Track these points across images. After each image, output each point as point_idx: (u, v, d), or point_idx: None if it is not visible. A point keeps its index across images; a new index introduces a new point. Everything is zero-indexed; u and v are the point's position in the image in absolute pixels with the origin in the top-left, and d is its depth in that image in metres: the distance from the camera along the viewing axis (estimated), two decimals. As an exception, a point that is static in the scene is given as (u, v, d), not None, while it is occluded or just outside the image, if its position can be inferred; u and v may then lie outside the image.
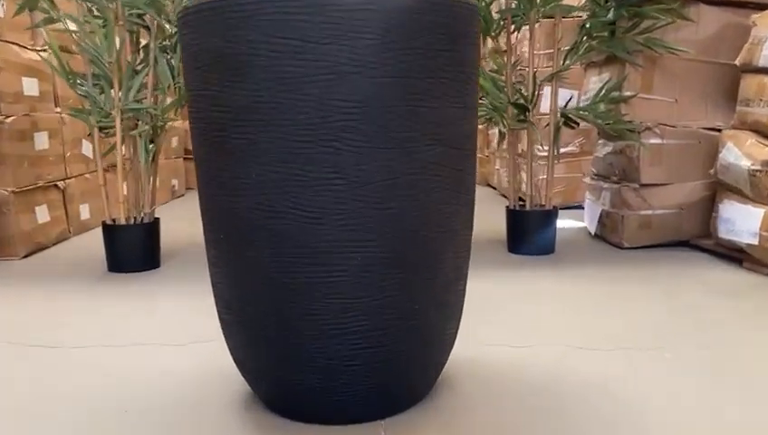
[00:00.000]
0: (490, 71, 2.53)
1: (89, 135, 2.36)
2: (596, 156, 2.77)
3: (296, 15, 0.91)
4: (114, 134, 2.21)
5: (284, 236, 0.97)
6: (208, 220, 1.07)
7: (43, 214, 2.72)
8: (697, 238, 2.45)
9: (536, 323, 1.61)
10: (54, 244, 2.81)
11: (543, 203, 2.46)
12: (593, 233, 2.70)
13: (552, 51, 2.49)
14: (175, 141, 4.54)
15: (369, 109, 0.93)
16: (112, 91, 2.18)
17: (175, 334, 1.57)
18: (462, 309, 1.18)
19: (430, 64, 0.97)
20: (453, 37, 1.00)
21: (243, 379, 1.20)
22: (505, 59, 2.46)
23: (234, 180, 0.98)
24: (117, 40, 2.14)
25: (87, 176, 3.14)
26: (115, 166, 2.24)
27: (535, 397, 1.20)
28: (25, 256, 2.54)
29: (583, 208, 3.47)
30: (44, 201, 2.74)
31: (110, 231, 2.25)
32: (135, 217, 2.31)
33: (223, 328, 1.14)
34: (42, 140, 2.74)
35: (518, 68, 2.88)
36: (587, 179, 2.87)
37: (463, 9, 1.01)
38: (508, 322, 1.63)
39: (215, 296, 1.13)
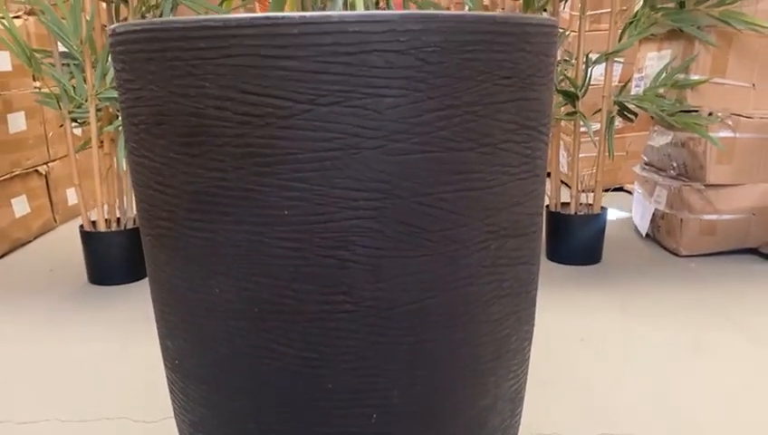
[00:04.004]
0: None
1: (60, 126, 2.03)
2: (650, 144, 2.40)
3: (281, 60, 0.57)
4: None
5: (267, 386, 0.65)
6: (161, 333, 0.75)
7: (21, 206, 2.42)
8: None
9: (604, 396, 1.30)
10: (37, 237, 2.52)
11: (591, 203, 2.11)
12: (644, 234, 2.36)
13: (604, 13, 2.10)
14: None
15: (392, 199, 0.60)
16: (86, 75, 1.84)
17: (150, 399, 1.28)
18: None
19: (486, 124, 0.63)
20: (522, 77, 0.65)
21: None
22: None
23: (190, 293, 0.66)
24: (88, 10, 1.78)
25: (77, 157, 2.81)
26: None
27: None
28: (0, 257, 2.26)
29: (625, 191, 3.11)
30: (23, 191, 2.44)
31: (89, 239, 1.95)
32: (119, 220, 2.01)
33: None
34: (18, 122, 2.42)
35: (565, 41, 2.48)
36: (637, 169, 2.50)
37: (538, 30, 0.66)
38: (566, 390, 1.32)
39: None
